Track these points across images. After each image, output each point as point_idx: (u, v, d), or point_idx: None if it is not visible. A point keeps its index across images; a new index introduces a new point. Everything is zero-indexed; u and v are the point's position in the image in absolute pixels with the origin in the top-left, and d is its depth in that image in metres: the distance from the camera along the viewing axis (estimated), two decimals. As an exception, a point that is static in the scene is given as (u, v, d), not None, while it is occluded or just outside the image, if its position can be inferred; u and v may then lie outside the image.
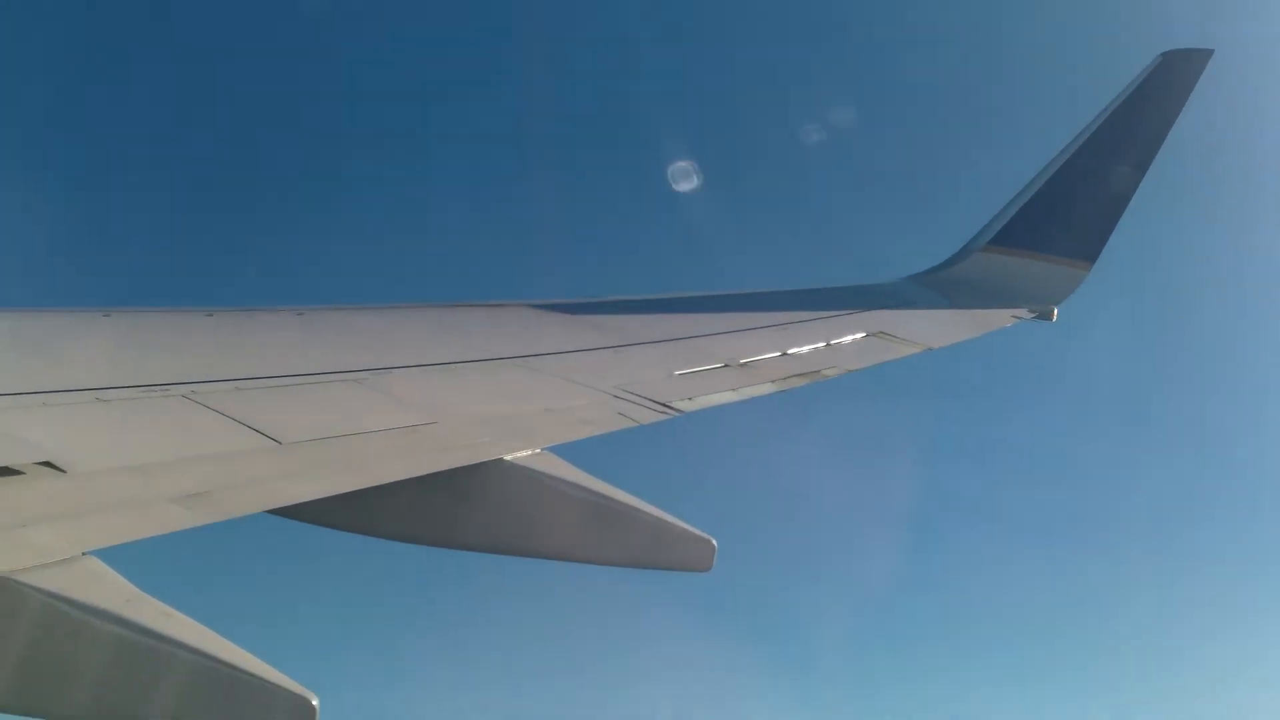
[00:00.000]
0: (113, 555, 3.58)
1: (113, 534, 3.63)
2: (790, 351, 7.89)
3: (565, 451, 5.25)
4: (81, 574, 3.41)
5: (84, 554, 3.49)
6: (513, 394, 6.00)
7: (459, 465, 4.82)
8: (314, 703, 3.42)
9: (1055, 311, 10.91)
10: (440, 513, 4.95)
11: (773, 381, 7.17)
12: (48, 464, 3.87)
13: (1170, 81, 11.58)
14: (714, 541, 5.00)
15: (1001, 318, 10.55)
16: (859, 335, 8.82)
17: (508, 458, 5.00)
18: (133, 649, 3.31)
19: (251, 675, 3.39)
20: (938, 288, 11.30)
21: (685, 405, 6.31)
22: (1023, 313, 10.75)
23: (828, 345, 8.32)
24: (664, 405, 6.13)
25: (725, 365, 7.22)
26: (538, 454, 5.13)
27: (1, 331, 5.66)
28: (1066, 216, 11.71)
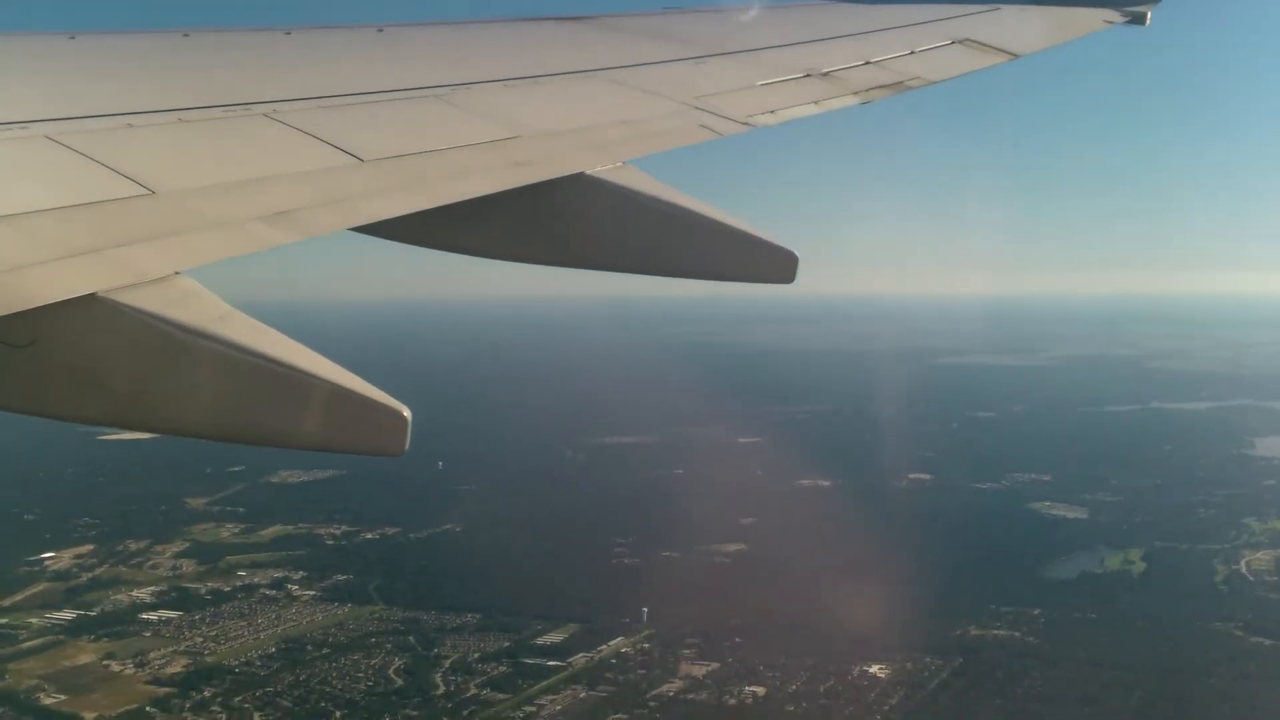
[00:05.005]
0: (204, 273, 3.60)
1: (203, 253, 3.65)
2: (874, 60, 7.56)
3: (646, 164, 5.14)
4: (175, 292, 3.43)
5: (177, 273, 3.50)
6: (593, 108, 5.87)
7: (539, 180, 4.74)
8: (406, 414, 3.41)
9: (1149, 15, 10.22)
10: (522, 228, 4.91)
11: (855, 94, 6.91)
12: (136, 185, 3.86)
13: None
14: (796, 254, 4.90)
15: (1092, 20, 9.99)
16: (945, 43, 8.44)
17: (588, 172, 4.90)
18: (228, 363, 3.35)
19: (344, 389, 3.40)
20: None
21: (767, 119, 6.12)
22: (1114, 15, 10.13)
23: (912, 54, 7.97)
24: (745, 118, 5.95)
25: (807, 75, 6.94)
26: (619, 167, 5.02)
27: (79, 53, 5.57)
28: None
